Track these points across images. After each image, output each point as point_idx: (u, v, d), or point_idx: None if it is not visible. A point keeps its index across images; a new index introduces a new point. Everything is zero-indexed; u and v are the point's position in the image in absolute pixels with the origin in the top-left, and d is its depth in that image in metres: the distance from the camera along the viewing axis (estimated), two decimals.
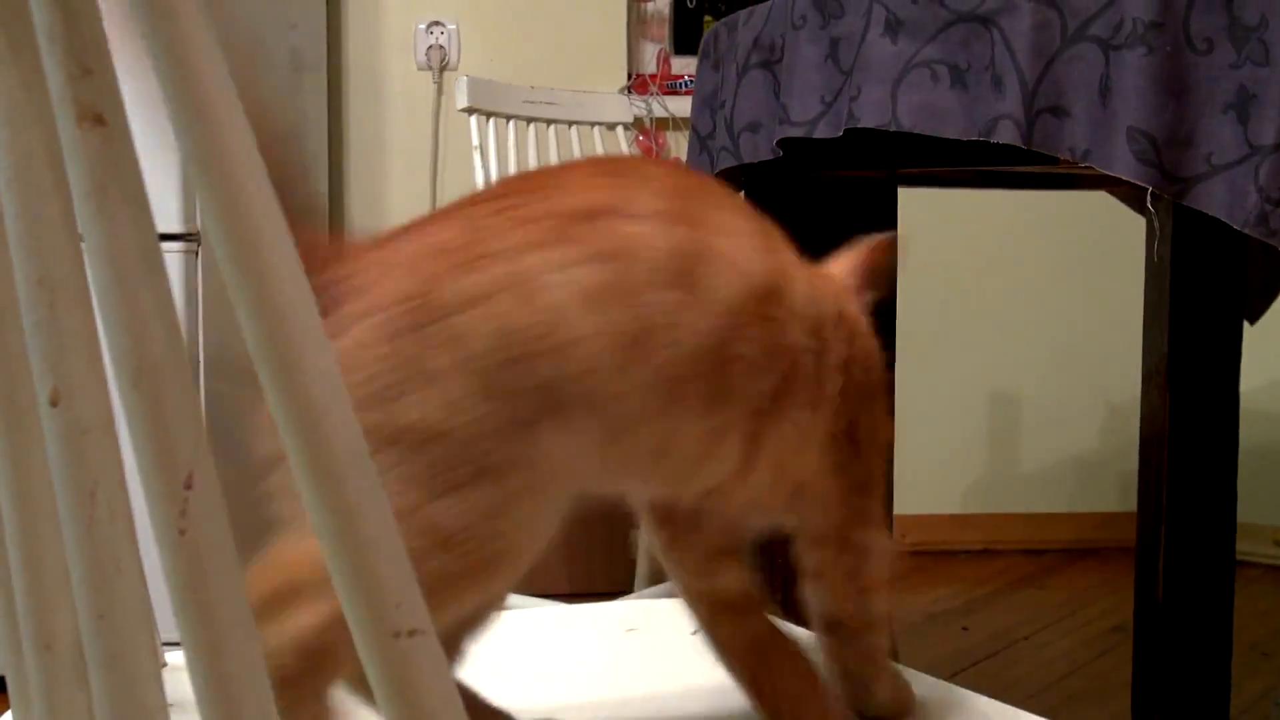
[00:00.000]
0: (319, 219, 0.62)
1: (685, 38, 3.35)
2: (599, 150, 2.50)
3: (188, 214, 2.24)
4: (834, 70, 1.20)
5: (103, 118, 0.35)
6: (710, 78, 1.48)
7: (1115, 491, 3.34)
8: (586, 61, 3.17)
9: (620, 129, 2.54)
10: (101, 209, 0.35)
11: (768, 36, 1.30)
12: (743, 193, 1.43)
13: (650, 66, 3.30)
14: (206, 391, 2.25)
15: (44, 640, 0.38)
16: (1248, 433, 1.29)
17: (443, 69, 3.10)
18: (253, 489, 0.58)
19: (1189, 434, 1.24)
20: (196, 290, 2.28)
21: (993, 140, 1.07)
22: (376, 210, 3.13)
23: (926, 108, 1.11)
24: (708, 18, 3.32)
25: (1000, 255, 3.28)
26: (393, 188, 3.14)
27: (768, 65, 1.30)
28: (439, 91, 3.10)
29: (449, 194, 2.72)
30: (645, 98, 3.19)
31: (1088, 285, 3.26)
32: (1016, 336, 3.30)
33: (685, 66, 3.30)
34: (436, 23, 3.10)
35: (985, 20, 1.08)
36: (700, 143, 1.48)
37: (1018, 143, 1.05)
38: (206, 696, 0.34)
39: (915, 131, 1.12)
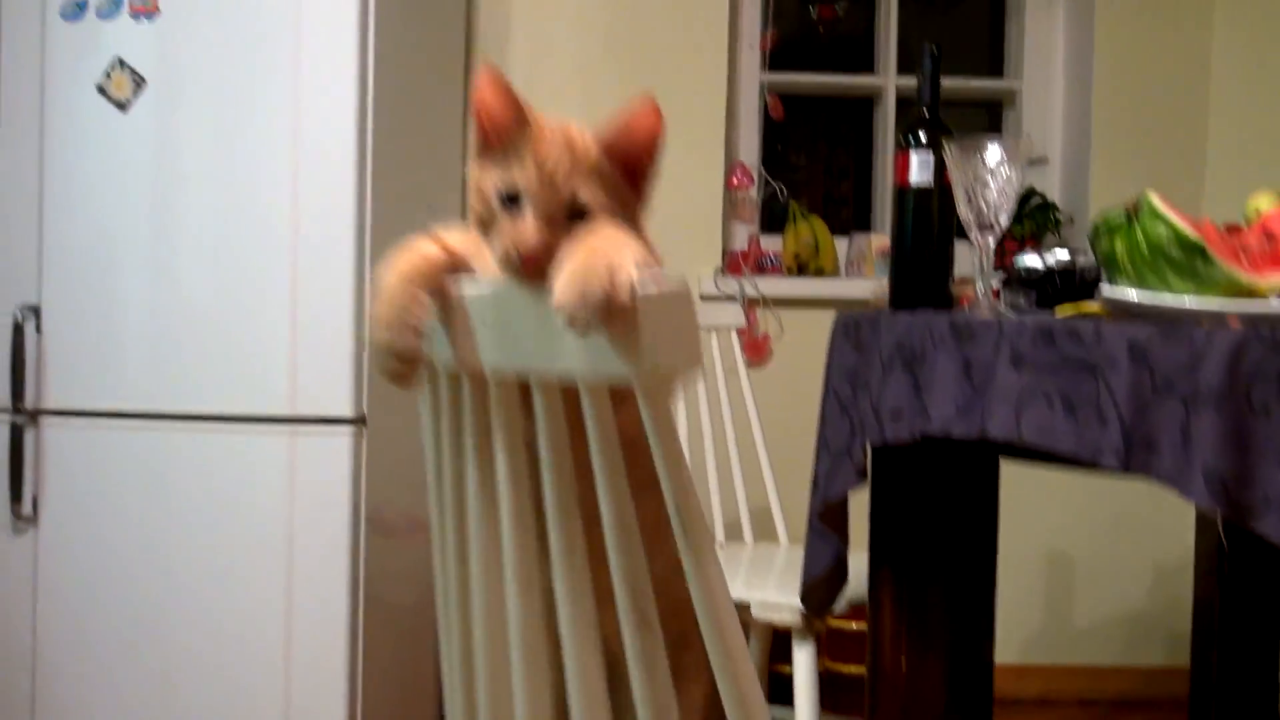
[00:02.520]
0: None
1: (772, 220, 3.72)
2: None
3: (356, 399, 2.59)
4: (967, 384, 1.54)
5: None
6: (851, 354, 1.82)
7: (1163, 647, 3.62)
8: (686, 242, 3.52)
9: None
10: None
11: (909, 343, 1.65)
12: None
13: (741, 244, 3.66)
14: (367, 545, 2.61)
15: None
16: None
17: None
18: None
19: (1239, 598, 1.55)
20: (361, 466, 2.62)
21: (1099, 464, 1.40)
22: None
23: (1044, 428, 1.45)
24: (794, 201, 3.68)
25: None
26: None
27: (909, 366, 1.64)
28: None
29: None
30: (738, 278, 3.53)
31: None
32: (1071, 501, 3.60)
33: (771, 245, 3.65)
34: None
35: (1093, 368, 1.42)
36: (840, 405, 1.82)
37: (1117, 468, 1.38)
38: None
39: (1034, 445, 1.46)
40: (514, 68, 3.51)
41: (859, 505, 1.91)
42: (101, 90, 2.62)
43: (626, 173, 1.15)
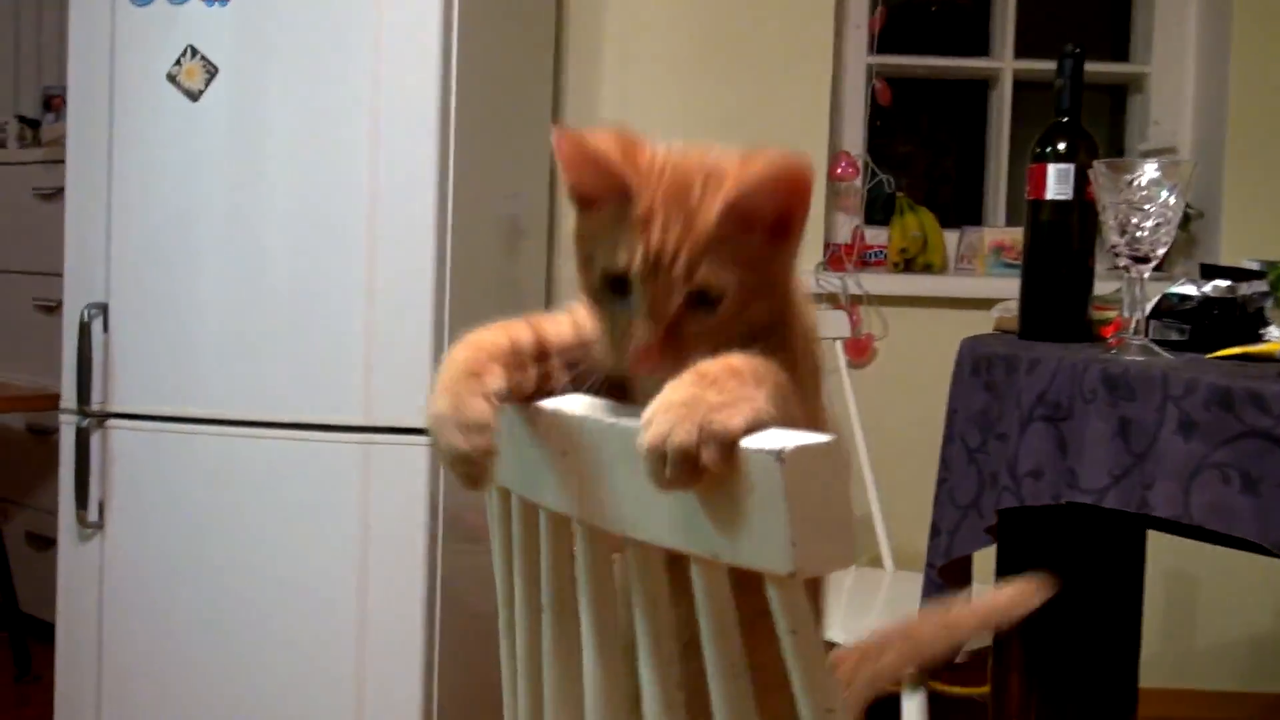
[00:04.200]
0: None
1: (876, 210, 3.50)
2: None
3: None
4: (1123, 448, 1.34)
5: None
6: (980, 395, 1.63)
7: None
8: None
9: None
10: None
11: (1054, 395, 1.44)
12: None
13: (844, 237, 3.45)
14: (444, 557, 2.47)
15: None
16: None
17: None
18: None
19: None
20: (440, 476, 2.48)
21: None
22: None
23: (1220, 508, 1.25)
24: (900, 193, 3.46)
25: None
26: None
27: (1052, 421, 1.44)
28: None
29: None
30: (840, 274, 3.33)
31: None
32: None
33: (876, 237, 3.44)
34: None
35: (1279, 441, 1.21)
36: (967, 453, 1.63)
37: None
38: None
39: (1207, 528, 1.26)
40: (605, 52, 3.32)
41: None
42: (172, 79, 2.47)
43: (764, 228, 0.91)
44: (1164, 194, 1.55)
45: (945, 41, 3.68)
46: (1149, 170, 1.56)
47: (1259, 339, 1.70)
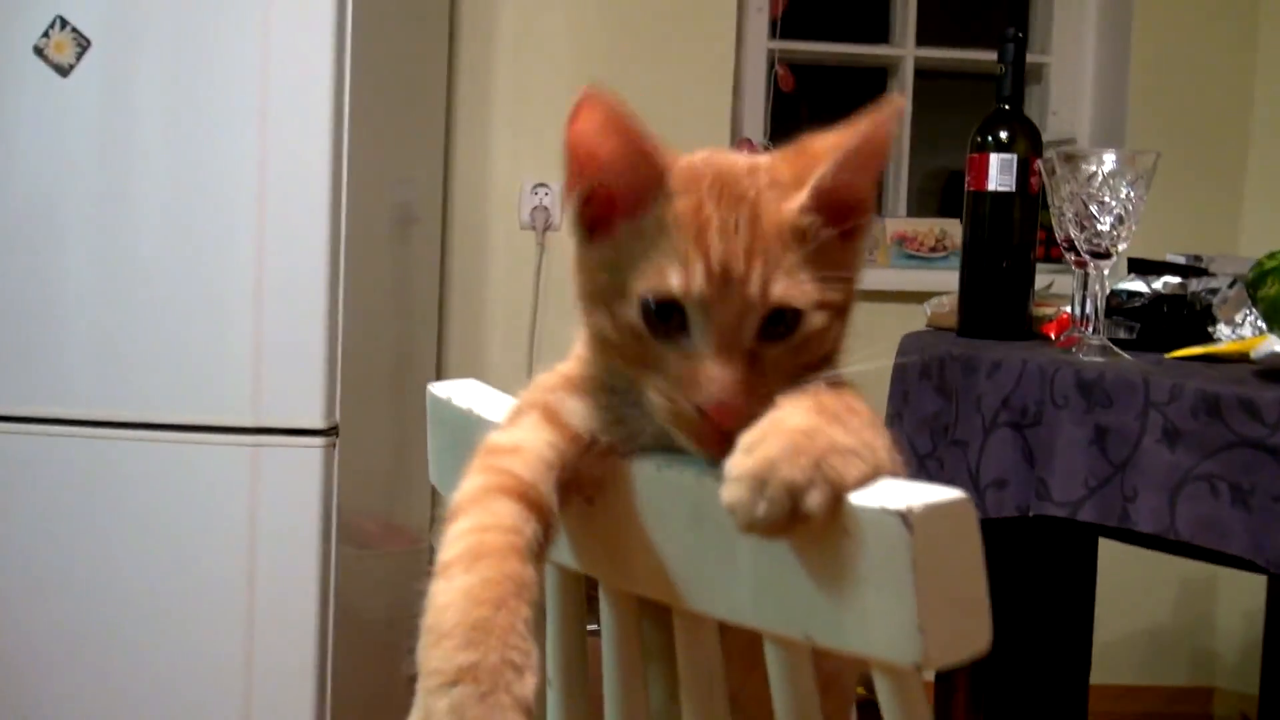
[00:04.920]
0: None
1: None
2: None
3: (327, 410, 2.29)
4: (1099, 457, 1.26)
5: None
6: (932, 400, 1.53)
7: (1186, 667, 3.39)
8: None
9: None
10: None
11: (1019, 399, 1.36)
12: None
13: None
14: (338, 560, 2.32)
15: None
16: None
17: (545, 229, 3.16)
18: None
19: None
20: (334, 479, 2.33)
21: None
22: (476, 361, 3.17)
23: (1208, 521, 1.17)
24: None
25: None
26: (494, 340, 3.19)
27: (1018, 427, 1.35)
28: (541, 251, 3.16)
29: (547, 354, 2.76)
30: None
31: None
32: None
33: None
34: (542, 184, 3.16)
35: (1275, 452, 1.14)
36: (918, 460, 1.53)
37: None
38: None
39: (1194, 543, 1.18)
40: (501, 31, 3.18)
41: None
42: (39, 52, 2.26)
43: (840, 215, 0.71)
44: (1124, 187, 1.47)
45: (849, 28, 3.61)
46: (1109, 161, 1.48)
47: (1209, 337, 1.64)
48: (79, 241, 2.30)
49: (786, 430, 0.59)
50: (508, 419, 0.73)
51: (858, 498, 0.54)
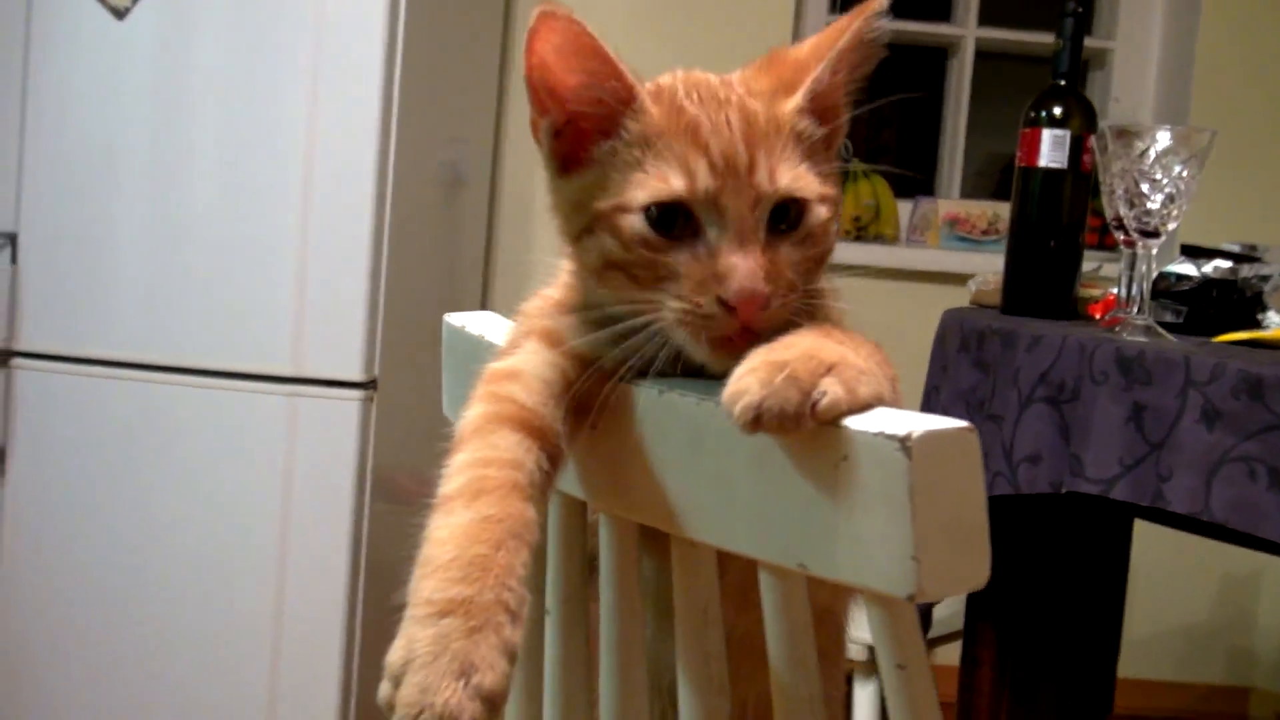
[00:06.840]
0: None
1: None
2: None
3: (366, 363, 2.29)
4: (1136, 435, 1.24)
5: None
6: (970, 373, 1.51)
7: (1222, 665, 3.35)
8: None
9: None
10: None
11: (1057, 375, 1.34)
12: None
13: None
14: (372, 507, 2.32)
15: None
16: None
17: None
18: None
19: None
20: (370, 432, 2.33)
21: None
22: None
23: (1242, 504, 1.14)
24: (855, 159, 3.35)
25: None
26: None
27: (1054, 402, 1.33)
28: None
29: None
30: None
31: None
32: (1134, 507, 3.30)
33: None
34: None
35: None
36: None
37: None
38: None
39: (1228, 526, 1.15)
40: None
41: None
42: None
43: (825, 110, 0.72)
44: (1177, 166, 1.44)
45: (910, 5, 3.57)
46: (1162, 138, 1.45)
47: (1257, 324, 1.61)
48: (133, 187, 2.31)
49: (799, 343, 0.59)
50: (506, 346, 0.73)
51: (857, 422, 0.53)
